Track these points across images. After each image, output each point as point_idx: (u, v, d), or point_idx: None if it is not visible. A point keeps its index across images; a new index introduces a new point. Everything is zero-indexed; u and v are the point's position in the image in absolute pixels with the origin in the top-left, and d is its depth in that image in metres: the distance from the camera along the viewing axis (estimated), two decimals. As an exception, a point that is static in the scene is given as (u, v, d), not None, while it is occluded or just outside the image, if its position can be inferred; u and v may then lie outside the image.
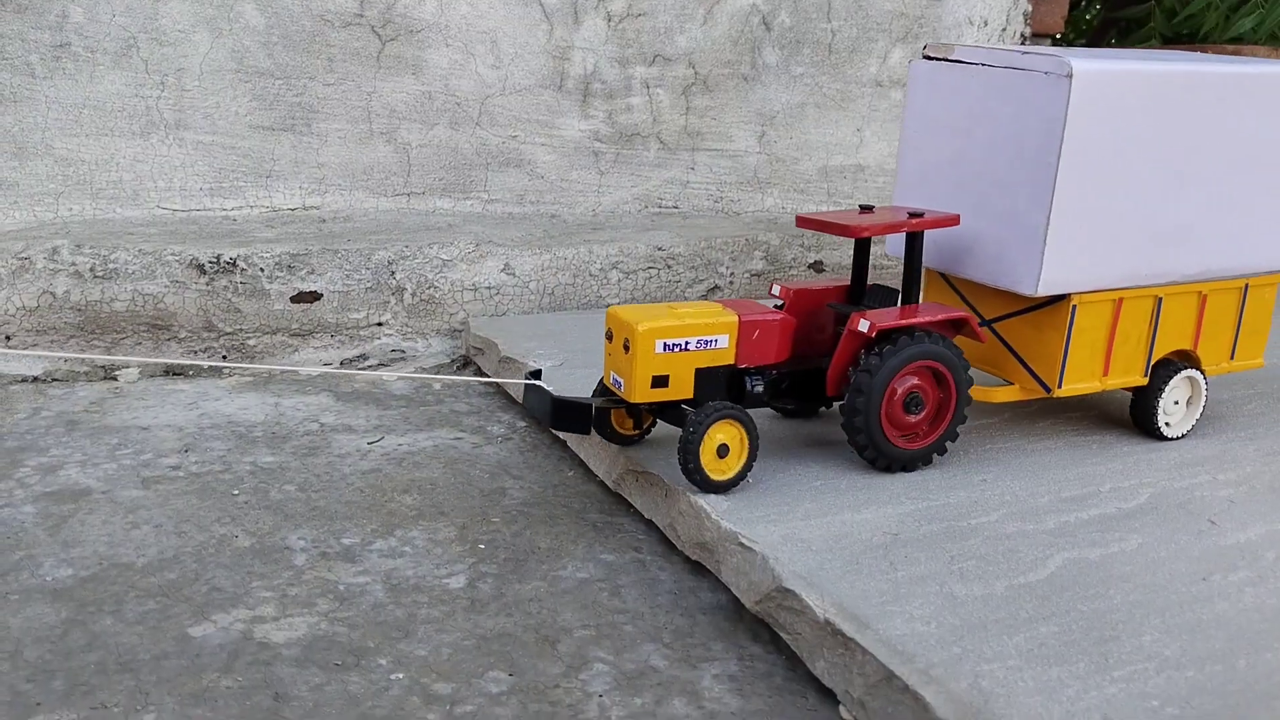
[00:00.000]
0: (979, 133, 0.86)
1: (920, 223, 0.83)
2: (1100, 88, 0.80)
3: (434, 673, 0.65)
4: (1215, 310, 0.91)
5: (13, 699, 0.62)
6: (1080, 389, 0.87)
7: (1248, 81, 0.87)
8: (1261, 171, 0.90)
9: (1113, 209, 0.83)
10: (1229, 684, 0.56)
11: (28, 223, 1.31)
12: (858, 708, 0.60)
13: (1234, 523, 0.74)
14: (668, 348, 0.78)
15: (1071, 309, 0.84)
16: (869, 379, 0.78)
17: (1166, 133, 0.84)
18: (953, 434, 0.83)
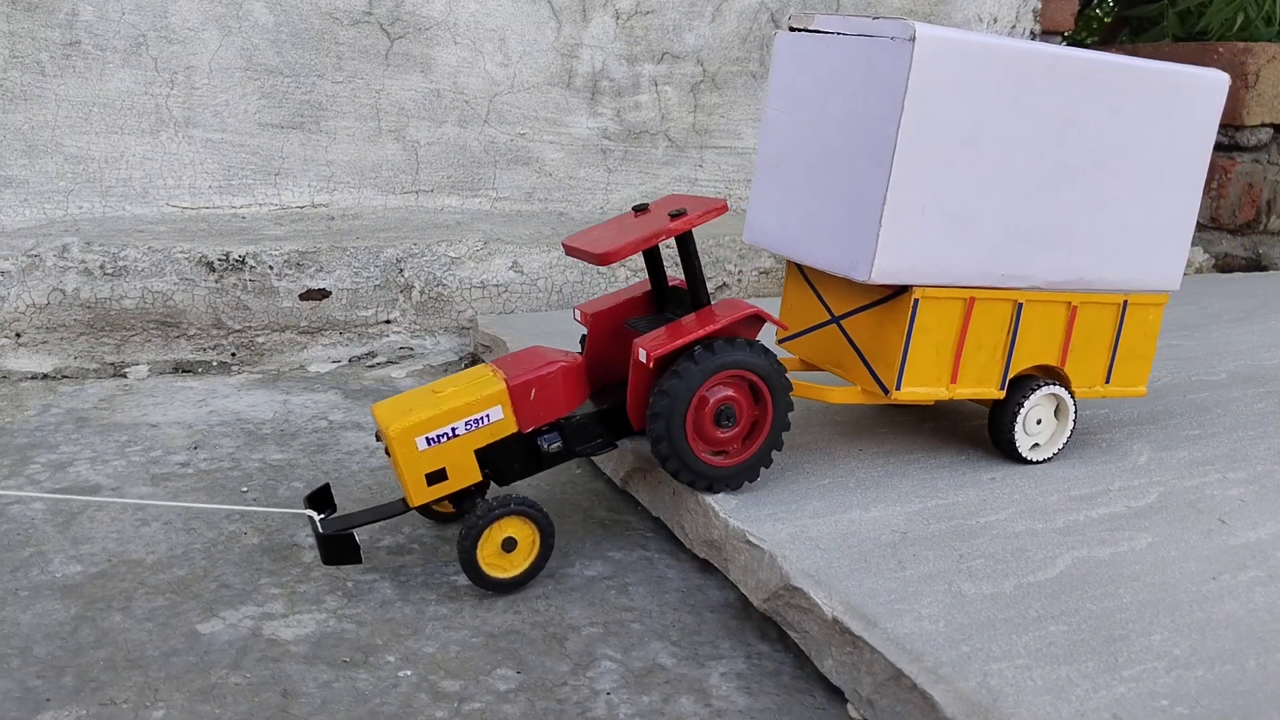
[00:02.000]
0: (830, 105, 0.79)
1: (677, 225, 0.74)
2: (949, 57, 0.73)
3: (442, 670, 0.65)
4: (1087, 326, 0.83)
5: (23, 695, 0.62)
6: (922, 395, 0.79)
7: (1130, 78, 0.79)
8: (1150, 182, 0.82)
9: (964, 195, 0.76)
10: (1239, 683, 0.56)
11: (38, 220, 1.32)
12: (866, 706, 0.60)
13: (1244, 522, 0.74)
14: (432, 441, 0.72)
15: (913, 303, 0.77)
16: (666, 403, 0.72)
17: (1033, 122, 0.77)
18: (775, 444, 0.76)
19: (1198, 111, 0.83)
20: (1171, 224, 0.84)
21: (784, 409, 0.76)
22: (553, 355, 0.77)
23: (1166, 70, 0.81)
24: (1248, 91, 1.62)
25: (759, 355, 0.74)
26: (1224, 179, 1.66)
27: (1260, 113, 1.63)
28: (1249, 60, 1.61)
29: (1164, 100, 0.81)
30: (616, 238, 0.75)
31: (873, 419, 0.93)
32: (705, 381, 0.72)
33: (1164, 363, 1.10)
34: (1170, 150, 0.83)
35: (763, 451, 0.76)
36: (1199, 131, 0.83)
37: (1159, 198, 0.83)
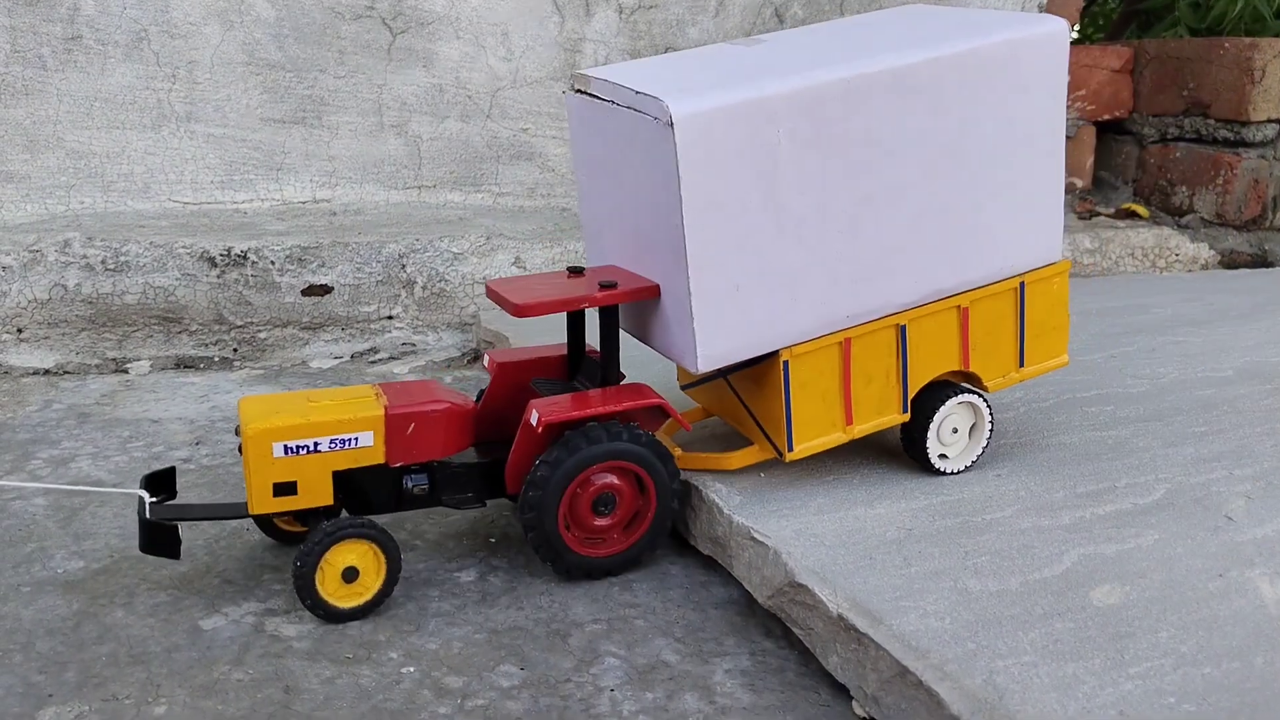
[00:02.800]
0: (625, 180, 0.73)
1: (602, 296, 0.71)
2: (718, 127, 0.66)
3: (445, 666, 0.65)
4: (985, 321, 0.79)
5: (25, 690, 0.62)
6: (820, 445, 0.76)
7: (946, 69, 0.72)
8: (1000, 165, 0.76)
9: (778, 256, 0.71)
10: (1246, 681, 0.55)
11: (39, 215, 1.32)
12: (871, 703, 0.60)
13: (1251, 518, 0.74)
14: (290, 450, 0.68)
15: (783, 365, 0.73)
16: (548, 476, 0.70)
17: (841, 155, 0.70)
18: (656, 537, 0.74)
19: (1038, 72, 0.75)
20: (1036, 199, 0.79)
21: (667, 503, 0.74)
22: (444, 395, 0.74)
23: (987, 45, 0.73)
24: (1253, 87, 1.62)
25: (648, 447, 0.72)
26: (1229, 175, 1.65)
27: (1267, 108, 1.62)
28: (1255, 55, 1.61)
29: (992, 77, 0.74)
30: (540, 293, 0.71)
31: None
32: (588, 467, 0.70)
33: (1170, 359, 1.10)
34: (1016, 124, 0.76)
35: (642, 544, 0.74)
36: (1045, 93, 0.76)
37: (1014, 177, 0.77)
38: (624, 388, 0.74)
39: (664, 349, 0.75)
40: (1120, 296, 1.41)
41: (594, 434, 0.70)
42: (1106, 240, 1.62)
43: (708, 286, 0.69)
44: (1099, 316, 1.29)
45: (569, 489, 0.71)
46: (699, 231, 0.68)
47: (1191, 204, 1.71)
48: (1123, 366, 1.07)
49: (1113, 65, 1.77)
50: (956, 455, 0.80)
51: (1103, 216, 1.75)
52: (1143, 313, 1.31)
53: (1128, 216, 1.75)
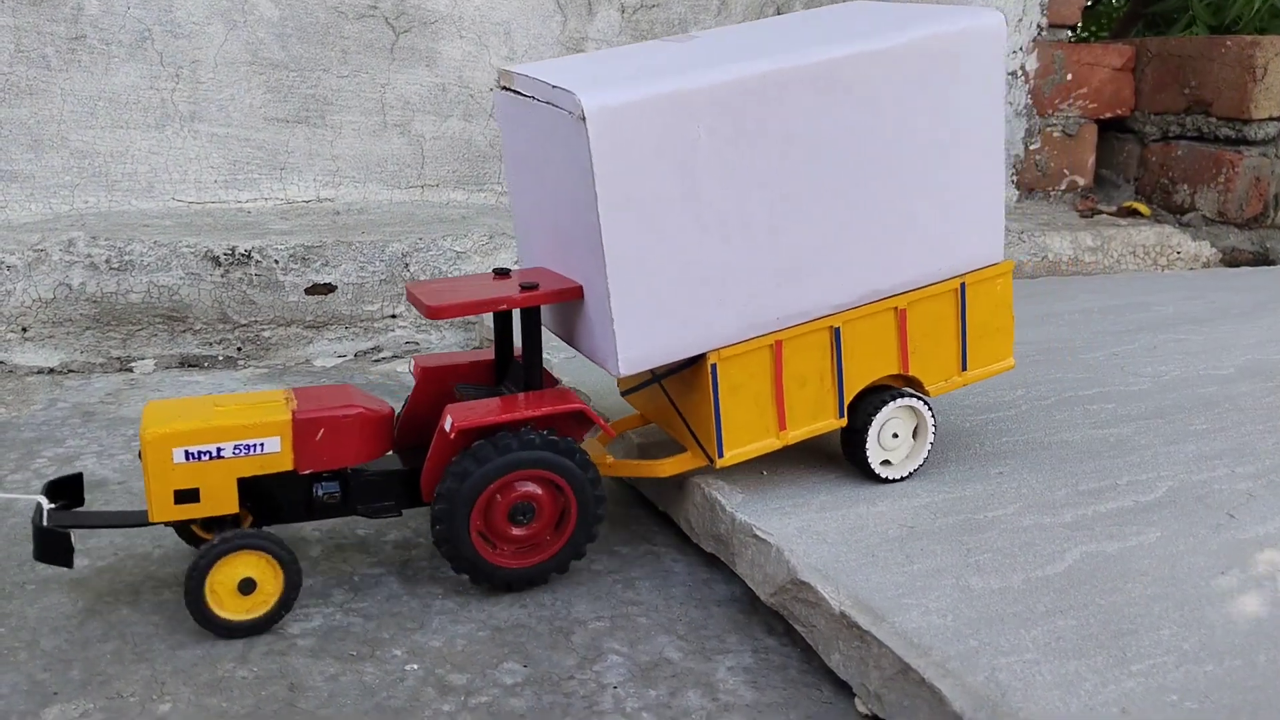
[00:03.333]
0: (548, 178, 0.71)
1: (521, 298, 0.69)
2: (633, 121, 0.64)
3: (449, 663, 0.65)
4: (924, 323, 0.77)
5: (30, 688, 0.62)
6: (752, 451, 0.74)
7: (878, 64, 0.70)
8: (937, 162, 0.74)
9: (702, 256, 0.69)
10: (1249, 678, 0.56)
11: (43, 215, 1.32)
12: (874, 700, 0.60)
13: (1253, 516, 0.74)
14: (191, 456, 0.66)
15: (711, 369, 0.71)
16: (455, 487, 0.68)
17: (766, 152, 0.68)
18: (577, 548, 0.72)
19: (974, 67, 0.73)
20: (975, 198, 0.76)
21: (590, 510, 0.71)
22: (358, 400, 0.71)
23: (919, 39, 0.71)
24: (1255, 85, 1.62)
25: (564, 454, 0.69)
26: (1231, 173, 1.65)
27: (1268, 106, 1.62)
28: (1256, 53, 1.61)
29: (925, 72, 0.71)
30: (456, 295, 0.69)
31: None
32: (500, 476, 0.68)
33: (1171, 357, 1.10)
34: (952, 121, 0.73)
35: (562, 556, 0.72)
36: (981, 88, 0.74)
37: (952, 176, 0.75)
38: (545, 393, 0.71)
39: (588, 352, 0.72)
40: (1122, 294, 1.41)
41: (504, 442, 0.68)
42: (1108, 238, 1.62)
43: (628, 287, 0.67)
44: (1101, 314, 1.29)
45: (481, 499, 0.68)
46: (617, 230, 0.66)
47: (1193, 202, 1.71)
48: (1124, 364, 1.07)
49: (1114, 63, 1.77)
50: (900, 461, 0.78)
51: (1104, 214, 1.75)
52: (1144, 310, 1.31)
53: (1129, 214, 1.75)
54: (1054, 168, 1.78)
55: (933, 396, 0.79)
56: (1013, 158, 1.75)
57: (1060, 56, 1.73)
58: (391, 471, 0.73)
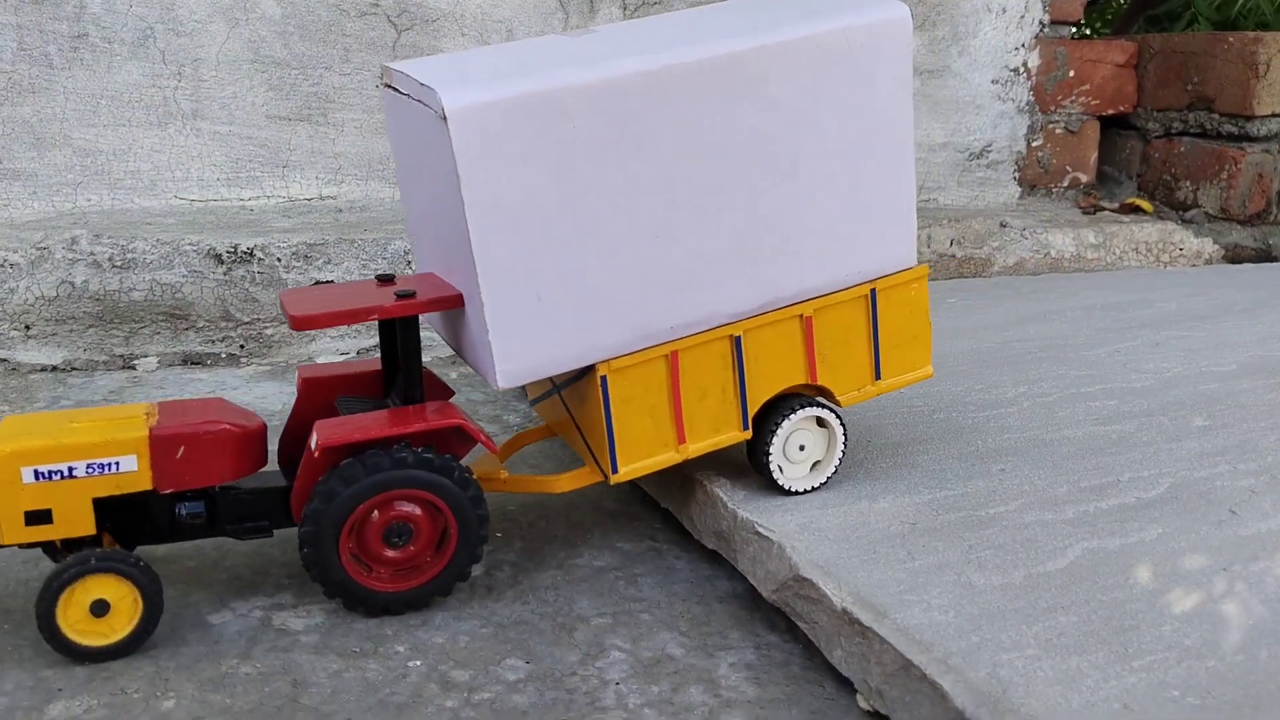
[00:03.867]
0: (426, 180, 0.68)
1: (395, 307, 0.66)
2: (501, 121, 0.61)
3: (451, 660, 0.65)
4: (832, 330, 0.74)
5: (35, 685, 0.62)
6: (649, 467, 0.71)
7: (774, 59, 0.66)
8: (842, 162, 0.70)
9: (586, 264, 0.65)
10: (1250, 674, 0.56)
11: (46, 213, 1.32)
12: (875, 697, 0.60)
13: (1255, 513, 0.74)
14: (41, 475, 0.63)
15: (601, 381, 0.67)
16: (322, 508, 0.64)
17: (653, 153, 0.65)
18: (460, 573, 0.69)
19: (878, 62, 0.70)
20: (884, 199, 0.73)
21: (471, 534, 0.68)
22: (225, 415, 0.68)
23: (817, 33, 0.67)
24: (1258, 81, 1.61)
25: (441, 474, 0.66)
26: (1234, 169, 1.65)
27: (1271, 103, 1.62)
28: (1259, 50, 1.61)
29: (825, 68, 0.68)
30: (325, 304, 0.66)
31: (880, 410, 0.93)
32: (369, 498, 0.65)
33: (1173, 354, 1.10)
34: (856, 119, 0.70)
35: (443, 578, 0.69)
36: (887, 84, 0.70)
37: (858, 177, 0.71)
38: (423, 407, 0.68)
39: (473, 364, 0.69)
40: (1124, 291, 1.41)
41: (373, 461, 0.64)
42: (1110, 235, 1.62)
43: (503, 296, 0.63)
44: (1103, 311, 1.29)
45: (350, 520, 0.65)
46: (488, 235, 0.62)
47: (1196, 199, 1.71)
48: (1127, 361, 1.07)
49: (1117, 60, 1.77)
50: (807, 474, 0.76)
51: (1107, 211, 1.75)
52: (1147, 307, 1.31)
53: (1132, 211, 1.75)
54: (1056, 164, 1.78)
55: (844, 406, 0.77)
56: (1015, 154, 1.75)
57: (1063, 53, 1.73)
58: (264, 490, 0.69)
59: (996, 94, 1.71)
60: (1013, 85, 1.72)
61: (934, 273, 1.55)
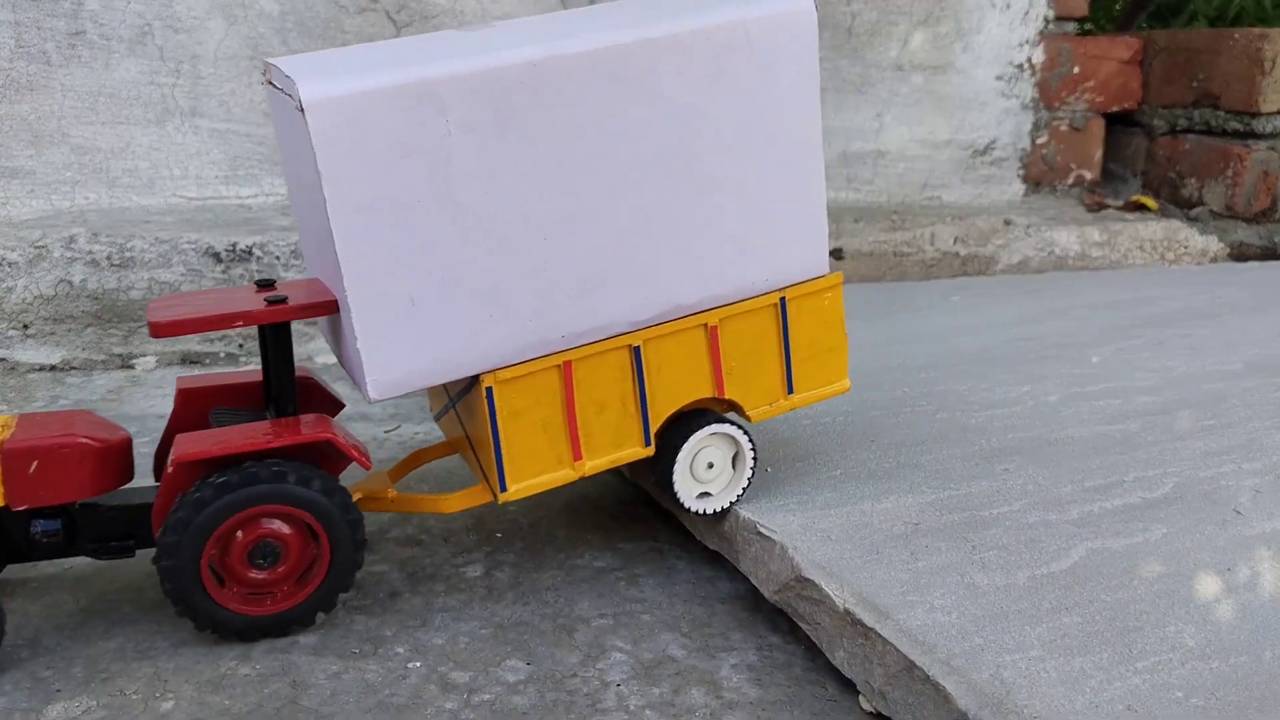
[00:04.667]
0: (300, 177, 0.64)
1: (263, 313, 0.63)
2: (367, 115, 0.57)
3: (451, 661, 0.65)
4: (739, 341, 0.70)
5: (33, 685, 0.62)
6: (541, 485, 0.67)
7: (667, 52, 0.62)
8: (744, 162, 0.67)
9: (465, 267, 0.61)
10: (1254, 675, 0.55)
11: (44, 211, 1.32)
12: (878, 698, 0.59)
13: (1260, 512, 0.73)
14: None
15: (487, 393, 0.64)
16: (177, 528, 0.61)
17: (538, 151, 0.61)
18: (336, 590, 0.66)
19: (782, 57, 0.66)
20: (791, 202, 0.69)
21: (346, 553, 0.65)
22: (85, 428, 0.65)
23: (713, 26, 0.63)
24: (1264, 78, 1.61)
25: (312, 488, 0.62)
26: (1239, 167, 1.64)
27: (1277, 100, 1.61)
28: (1265, 46, 1.60)
29: (723, 63, 0.64)
30: (189, 310, 0.63)
31: (882, 410, 0.92)
32: (239, 512, 0.62)
33: (1178, 352, 1.10)
34: (759, 117, 0.66)
35: (316, 598, 0.65)
36: (791, 80, 0.67)
37: (762, 177, 0.68)
38: (296, 420, 0.65)
39: (350, 373, 0.65)
40: (1129, 289, 1.40)
41: (229, 478, 0.61)
42: (1115, 233, 1.61)
43: (373, 300, 0.60)
44: (1107, 309, 1.28)
45: (212, 538, 0.62)
46: (354, 235, 0.58)
47: (1201, 196, 1.70)
48: (1131, 360, 1.07)
49: (1122, 56, 1.76)
50: (719, 492, 0.73)
51: (1111, 209, 1.74)
52: (1151, 306, 1.30)
53: (1136, 209, 1.74)
54: (1061, 162, 1.77)
55: (755, 421, 0.73)
56: (1019, 151, 1.75)
57: (1067, 49, 1.72)
58: (129, 507, 0.66)
59: (1001, 90, 1.71)
60: (1017, 82, 1.71)
61: (938, 271, 1.54)
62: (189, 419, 0.70)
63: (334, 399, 0.73)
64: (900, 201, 1.69)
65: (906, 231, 1.52)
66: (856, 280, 1.50)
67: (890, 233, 1.51)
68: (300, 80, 0.57)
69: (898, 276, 1.52)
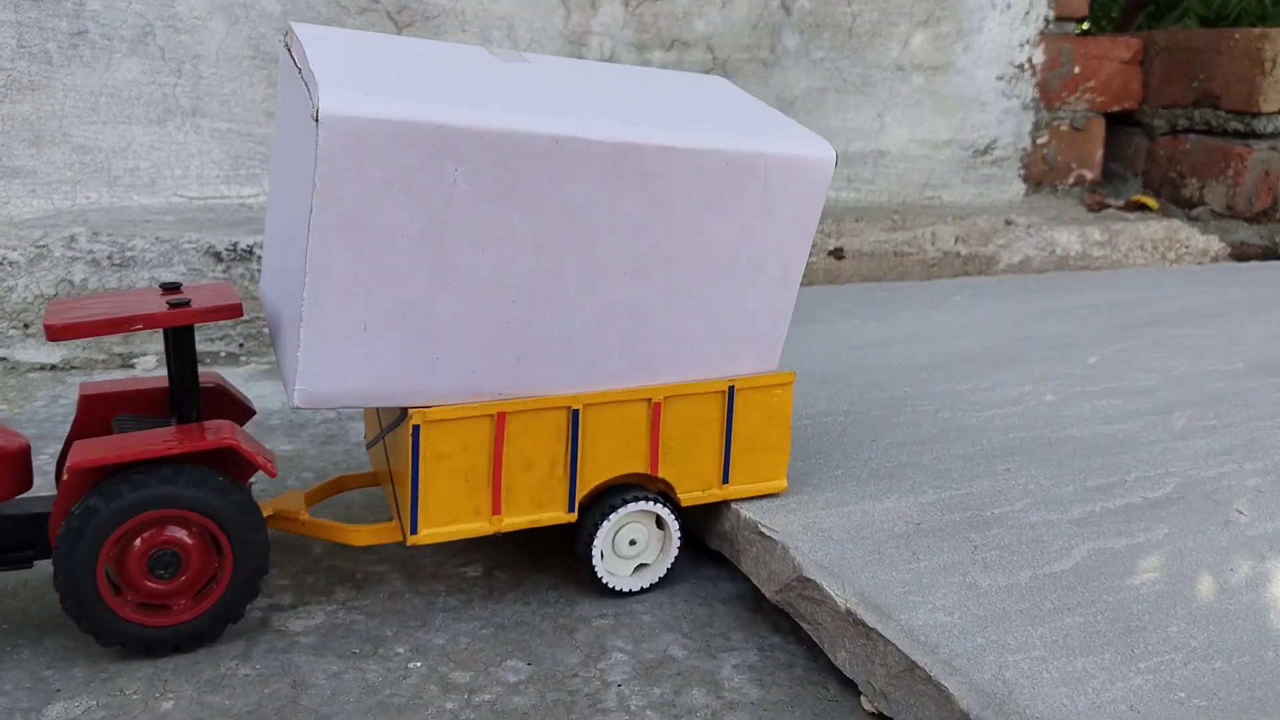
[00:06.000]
0: (291, 161, 0.63)
1: (164, 316, 0.62)
2: (381, 142, 0.56)
3: (452, 661, 0.65)
4: (681, 422, 0.69)
5: (34, 685, 0.62)
6: (454, 534, 0.66)
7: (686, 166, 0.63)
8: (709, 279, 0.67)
9: (428, 306, 0.61)
10: (1257, 675, 0.55)
11: (45, 211, 1.32)
12: (880, 698, 0.59)
13: (1262, 512, 0.73)
14: None
15: (414, 431, 0.63)
16: (74, 531, 0.59)
17: (533, 218, 0.61)
18: (234, 611, 0.64)
19: (788, 198, 0.67)
20: (759, 323, 0.70)
21: (249, 561, 0.63)
22: None
23: (733, 151, 0.64)
24: (1264, 78, 1.60)
25: (213, 493, 0.61)
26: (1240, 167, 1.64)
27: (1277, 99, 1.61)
28: (1266, 46, 1.60)
29: (730, 187, 0.65)
30: (88, 313, 0.62)
31: (883, 409, 0.92)
32: (133, 518, 0.60)
33: (1180, 352, 1.09)
34: (750, 244, 0.67)
35: (218, 610, 0.63)
36: (790, 220, 0.67)
37: (737, 299, 0.68)
38: (200, 427, 0.63)
39: (283, 372, 0.64)
40: (1130, 289, 1.40)
41: (119, 485, 0.59)
42: (1116, 233, 1.61)
43: (327, 315, 0.59)
44: (1109, 309, 1.28)
45: (106, 547, 0.60)
46: (329, 249, 0.58)
47: (1202, 196, 1.70)
48: (1132, 360, 1.07)
49: (1122, 56, 1.76)
50: (634, 573, 0.71)
51: (1112, 209, 1.74)
52: (1152, 305, 1.30)
53: (1137, 209, 1.74)
54: (1061, 161, 1.77)
55: (685, 506, 0.72)
56: (1020, 151, 1.75)
57: (1068, 49, 1.72)
58: (25, 516, 0.64)
59: (1001, 90, 1.71)
60: (1018, 82, 1.71)
61: (939, 270, 1.54)
62: (92, 426, 0.68)
63: (244, 405, 0.71)
64: (901, 201, 1.69)
65: (907, 231, 1.52)
66: (857, 280, 1.50)
67: (891, 232, 1.51)
68: (325, 85, 0.56)
69: (899, 276, 1.52)
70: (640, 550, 0.71)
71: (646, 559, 0.72)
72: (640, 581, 0.72)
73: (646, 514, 0.71)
